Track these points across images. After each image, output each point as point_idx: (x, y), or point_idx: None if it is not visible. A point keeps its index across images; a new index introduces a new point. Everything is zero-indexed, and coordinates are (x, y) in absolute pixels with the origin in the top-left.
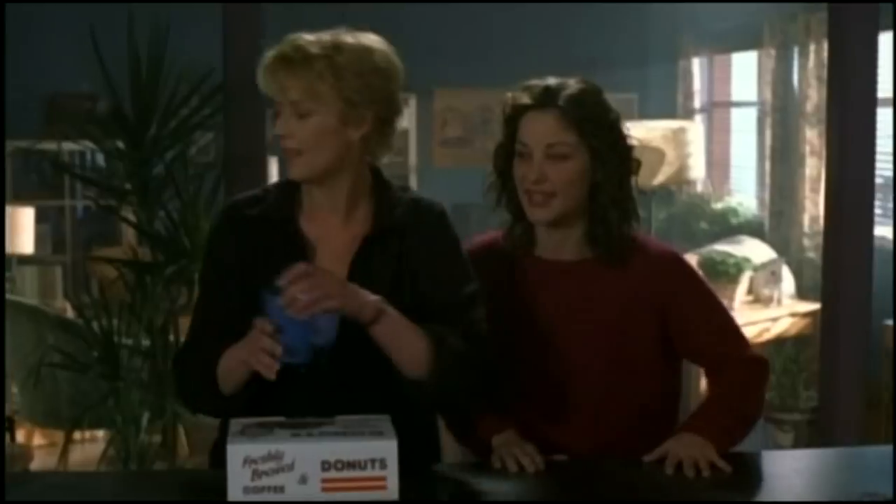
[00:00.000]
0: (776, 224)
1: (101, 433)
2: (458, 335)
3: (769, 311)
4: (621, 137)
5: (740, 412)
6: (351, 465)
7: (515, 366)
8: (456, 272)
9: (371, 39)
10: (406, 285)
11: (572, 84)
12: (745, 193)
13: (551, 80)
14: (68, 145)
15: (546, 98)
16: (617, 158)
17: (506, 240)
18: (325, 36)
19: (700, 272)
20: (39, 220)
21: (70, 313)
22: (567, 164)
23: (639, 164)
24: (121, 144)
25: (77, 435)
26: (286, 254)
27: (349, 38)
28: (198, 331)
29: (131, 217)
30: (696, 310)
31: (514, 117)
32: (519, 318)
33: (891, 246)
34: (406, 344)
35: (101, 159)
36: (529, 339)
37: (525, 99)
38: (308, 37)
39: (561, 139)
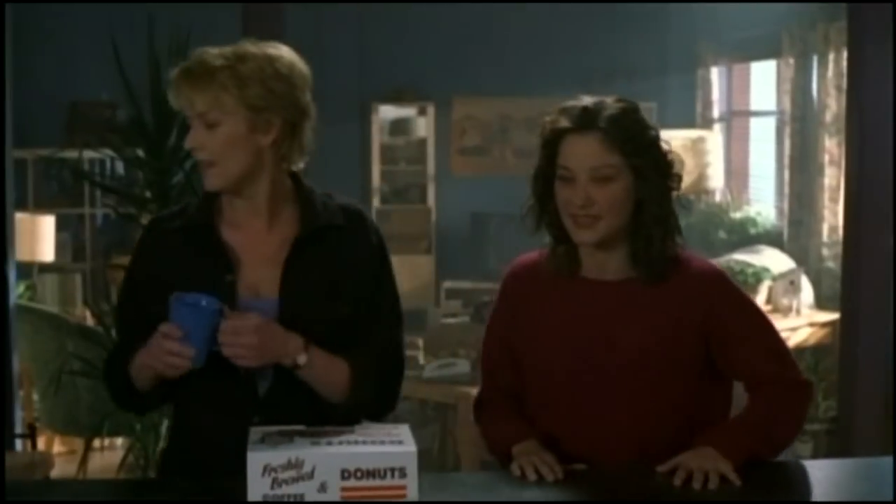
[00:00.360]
0: (795, 233)
1: (120, 441)
2: (380, 357)
3: (788, 321)
4: (662, 154)
5: (769, 434)
6: (370, 473)
7: (557, 384)
8: (390, 286)
9: (274, 48)
10: (343, 287)
11: (611, 104)
12: (763, 203)
13: (588, 101)
14: (89, 153)
15: (587, 120)
16: (659, 176)
17: (549, 262)
18: (228, 49)
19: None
20: (60, 227)
21: (90, 321)
22: (612, 186)
23: (679, 178)
24: (141, 153)
25: (96, 442)
26: (211, 263)
27: (252, 48)
28: (119, 336)
29: None
30: (739, 327)
31: (553, 141)
32: (562, 337)
33: None
34: (327, 382)
35: (121, 167)
36: (572, 359)
37: (564, 122)
38: (212, 50)
39: (605, 161)
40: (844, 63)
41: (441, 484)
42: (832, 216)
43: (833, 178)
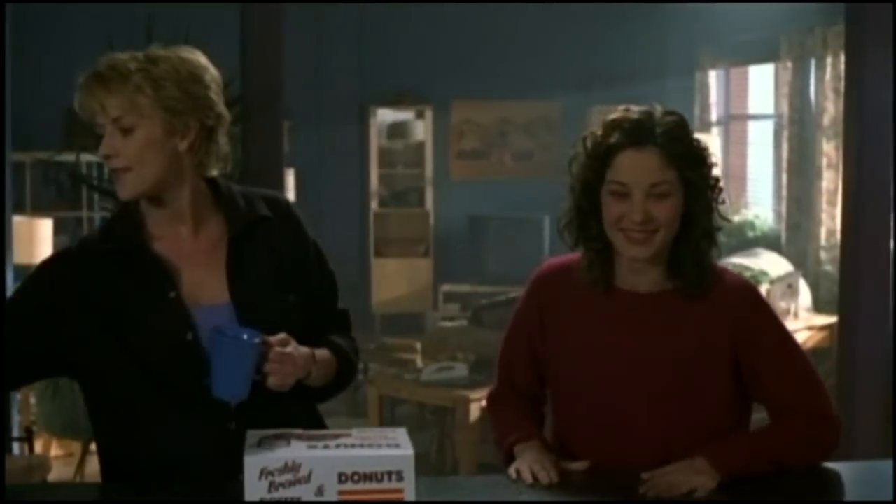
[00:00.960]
0: (793, 237)
1: None
2: (342, 331)
3: (786, 325)
4: (710, 167)
5: (775, 458)
6: (367, 477)
7: (584, 393)
8: (326, 266)
9: (185, 50)
10: (287, 276)
11: (662, 117)
12: (761, 206)
13: (636, 113)
14: (86, 157)
15: (643, 136)
16: (708, 188)
17: (583, 274)
18: (139, 53)
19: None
20: (57, 231)
21: None
22: (669, 202)
23: (721, 190)
24: None
25: (94, 446)
26: (150, 282)
27: (162, 51)
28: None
29: None
30: (768, 349)
31: (605, 155)
32: (592, 346)
33: None
34: (323, 378)
35: None
36: (601, 368)
37: (618, 137)
38: (122, 55)
39: (663, 177)
40: (842, 66)
41: (438, 487)
42: (830, 220)
43: (831, 182)
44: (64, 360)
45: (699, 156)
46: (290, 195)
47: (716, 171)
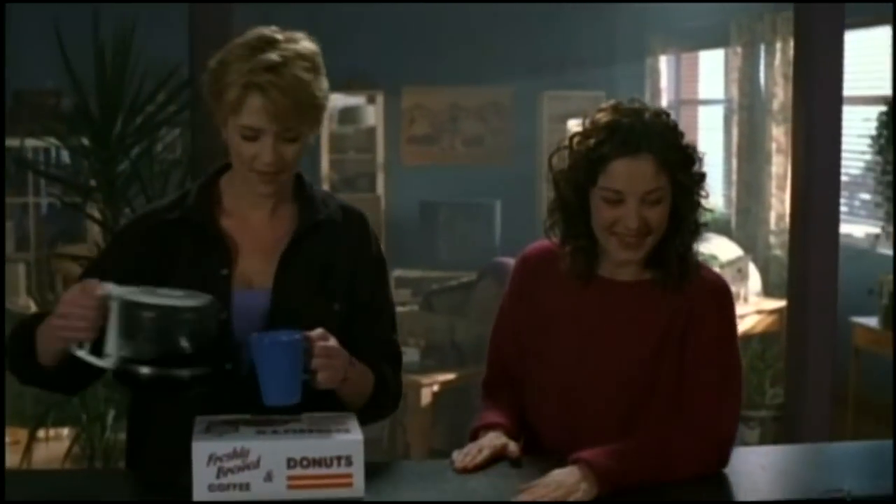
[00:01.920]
0: (743, 221)
1: (65, 431)
2: (387, 360)
3: (735, 309)
4: (695, 165)
5: (658, 475)
6: (316, 462)
7: (555, 373)
8: (386, 290)
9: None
10: (336, 285)
11: (653, 120)
12: (711, 191)
13: (627, 117)
14: (32, 142)
15: (638, 144)
16: (696, 188)
17: (567, 267)
18: (290, 50)
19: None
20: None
21: (34, 311)
22: (661, 207)
23: (703, 177)
24: (86, 141)
25: (41, 433)
26: (207, 256)
27: (305, 51)
28: None
29: (97, 214)
30: (702, 344)
31: (599, 161)
32: (568, 329)
33: (856, 243)
34: (359, 392)
35: (66, 156)
36: (574, 351)
37: (612, 144)
38: (284, 53)
39: (657, 184)
40: (792, 52)
41: (387, 472)
42: (780, 204)
43: (780, 167)
44: None
45: (689, 158)
46: None
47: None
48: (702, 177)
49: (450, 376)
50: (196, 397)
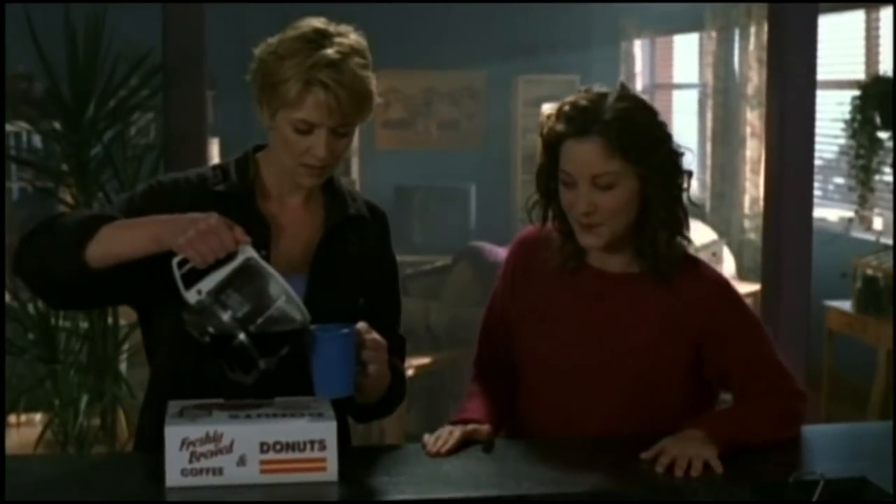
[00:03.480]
0: (717, 205)
1: (38, 416)
2: (399, 356)
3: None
4: (669, 154)
5: (756, 429)
6: (290, 446)
7: (543, 364)
8: (397, 288)
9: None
10: (362, 279)
11: (611, 103)
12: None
13: (587, 100)
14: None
15: (585, 125)
16: (665, 177)
17: (554, 255)
18: (346, 44)
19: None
20: None
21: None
22: (614, 192)
23: (690, 174)
24: (58, 126)
25: (13, 418)
26: (249, 233)
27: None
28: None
29: (69, 199)
30: (739, 346)
31: (553, 143)
32: (556, 320)
33: (830, 227)
34: (379, 386)
35: (37, 141)
36: (562, 342)
37: (562, 126)
38: (340, 47)
39: (605, 169)
40: (766, 36)
41: (361, 456)
42: (754, 188)
43: (755, 151)
44: (137, 283)
45: (650, 144)
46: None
47: (682, 152)
48: (674, 166)
49: (424, 360)
50: (223, 383)
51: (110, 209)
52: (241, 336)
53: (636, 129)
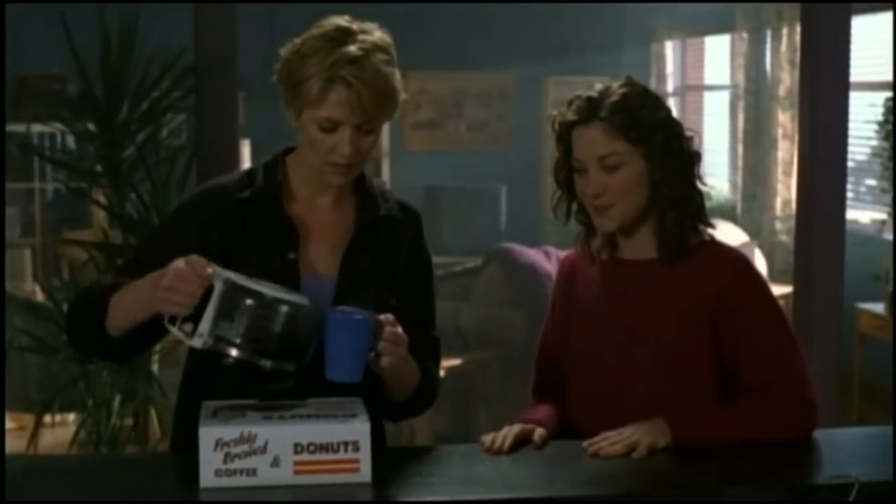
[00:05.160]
0: (748, 207)
1: (71, 416)
2: (433, 357)
3: (762, 277)
4: (673, 135)
5: (746, 439)
6: (324, 447)
7: (584, 363)
8: (431, 288)
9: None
10: (393, 279)
11: (615, 90)
12: (717, 177)
13: (594, 90)
14: (37, 127)
15: (590, 111)
16: (671, 158)
17: (583, 249)
18: (368, 42)
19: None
20: (8, 202)
21: (39, 296)
22: (621, 173)
23: (699, 156)
24: (91, 127)
25: (47, 418)
26: (275, 238)
27: (382, 42)
28: (118, 272)
29: (102, 199)
30: (750, 325)
31: (564, 134)
32: (592, 317)
33: (862, 229)
34: (405, 382)
35: (71, 142)
36: (599, 338)
37: (571, 115)
38: (363, 44)
39: (610, 150)
40: (798, 37)
41: (394, 457)
42: (785, 190)
43: (786, 152)
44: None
45: (652, 125)
46: (246, 166)
47: (689, 133)
48: (679, 147)
49: (455, 362)
50: (248, 381)
51: (149, 240)
52: (265, 361)
53: (636, 111)
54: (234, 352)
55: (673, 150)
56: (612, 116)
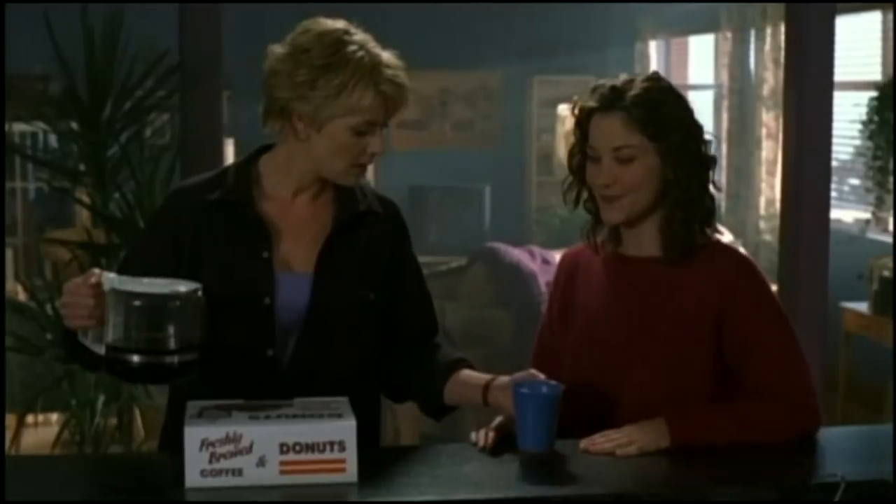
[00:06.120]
0: (733, 207)
1: (55, 416)
2: (446, 341)
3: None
4: (692, 137)
5: (745, 440)
6: (309, 447)
7: (584, 356)
8: (422, 277)
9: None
10: (373, 275)
11: (639, 83)
12: None
13: (619, 80)
14: (20, 126)
15: (612, 100)
16: (686, 159)
17: (589, 239)
18: (370, 45)
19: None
20: None
21: (21, 296)
22: (634, 166)
23: (714, 160)
24: (75, 126)
25: (30, 418)
26: (248, 238)
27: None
28: None
29: (86, 199)
30: (754, 327)
31: (583, 120)
32: (593, 310)
33: (846, 228)
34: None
35: (54, 141)
36: (599, 331)
37: (592, 102)
38: (353, 50)
39: (627, 142)
40: (782, 37)
41: (381, 457)
42: (769, 189)
43: (770, 152)
44: None
45: (672, 123)
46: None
47: (707, 137)
48: (696, 150)
49: None
50: (235, 383)
51: (132, 249)
52: (136, 358)
53: (657, 107)
54: (135, 357)
55: (689, 151)
56: (632, 109)
